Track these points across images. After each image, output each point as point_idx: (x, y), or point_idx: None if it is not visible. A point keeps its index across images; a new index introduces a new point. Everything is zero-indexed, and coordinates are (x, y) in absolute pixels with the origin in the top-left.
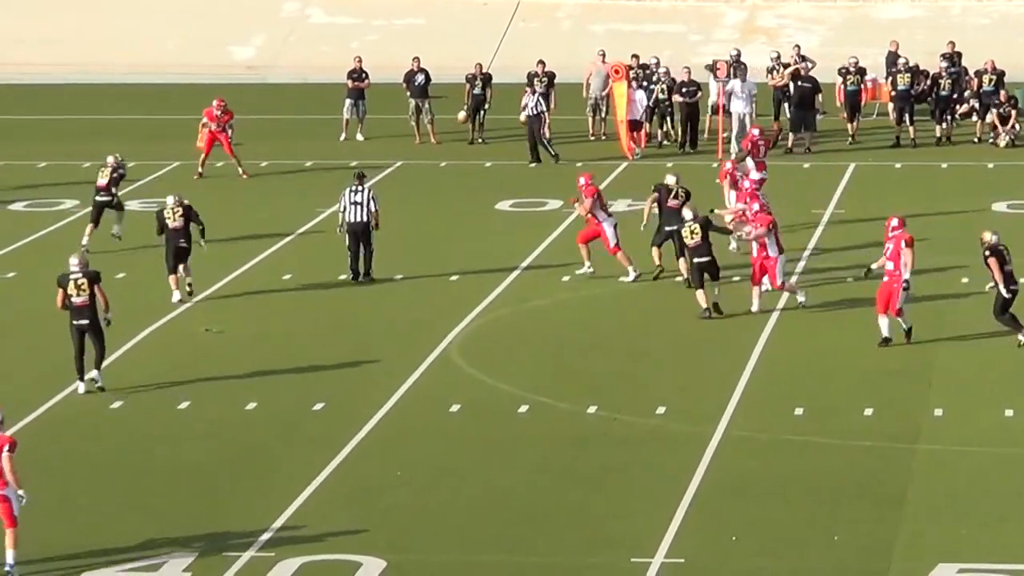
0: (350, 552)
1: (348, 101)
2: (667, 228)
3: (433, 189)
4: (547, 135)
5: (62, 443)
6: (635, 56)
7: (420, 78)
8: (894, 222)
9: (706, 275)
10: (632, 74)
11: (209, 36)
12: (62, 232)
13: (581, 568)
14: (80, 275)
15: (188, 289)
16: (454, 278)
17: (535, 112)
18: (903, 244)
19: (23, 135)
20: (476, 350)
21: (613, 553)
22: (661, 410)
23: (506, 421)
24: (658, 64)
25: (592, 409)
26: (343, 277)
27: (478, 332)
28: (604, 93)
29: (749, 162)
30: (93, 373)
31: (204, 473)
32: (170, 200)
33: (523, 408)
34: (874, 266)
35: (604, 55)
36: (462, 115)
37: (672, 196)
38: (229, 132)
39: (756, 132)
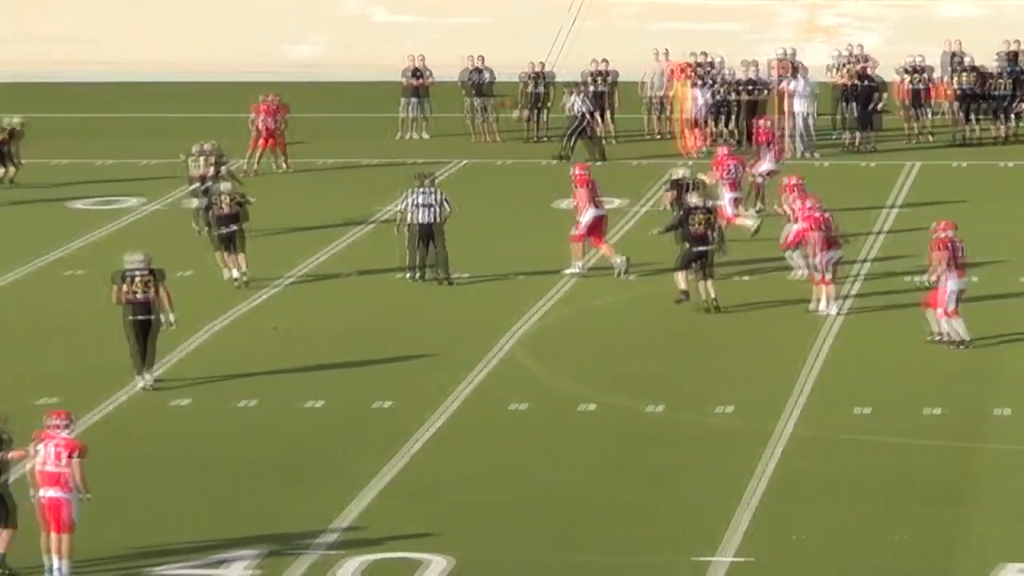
0: (414, 551)
1: (404, 99)
2: (695, 250)
3: (494, 188)
4: (595, 132)
5: (126, 442)
6: (700, 54)
7: (483, 76)
8: (934, 224)
9: (696, 264)
10: (691, 73)
11: (271, 34)
12: (124, 230)
13: (642, 567)
14: (145, 272)
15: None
16: (518, 277)
17: (579, 112)
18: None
19: (84, 133)
20: (539, 349)
21: (674, 552)
22: (722, 409)
23: (568, 420)
24: (722, 62)
25: (654, 407)
26: (406, 276)
27: (541, 331)
28: (663, 92)
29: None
30: (146, 374)
31: (268, 471)
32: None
33: (585, 407)
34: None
35: (663, 53)
36: (517, 113)
37: (687, 190)
38: (282, 126)
39: (724, 151)
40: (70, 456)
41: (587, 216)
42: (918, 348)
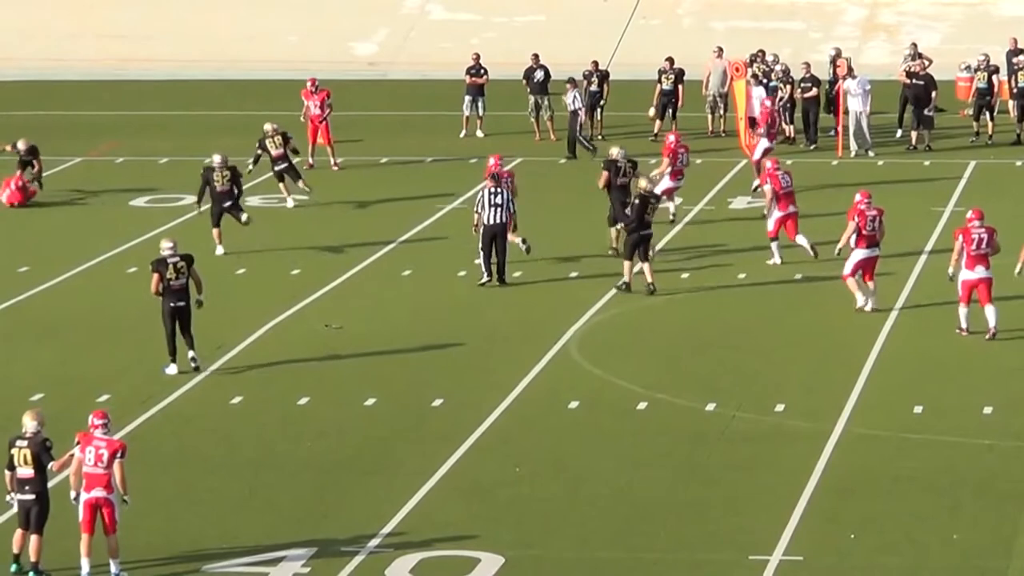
0: (468, 548)
1: (467, 97)
2: (640, 234)
3: (553, 185)
4: (579, 131)
5: (182, 438)
6: (761, 52)
7: (540, 75)
8: (968, 214)
9: (639, 249)
10: (751, 71)
11: (330, 32)
12: (184, 228)
13: (698, 565)
14: (178, 258)
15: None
16: (573, 274)
17: (573, 108)
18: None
19: (145, 131)
20: (595, 346)
21: (731, 550)
22: (780, 407)
23: (624, 417)
24: (776, 61)
25: (711, 406)
26: (462, 274)
27: (597, 328)
28: (724, 90)
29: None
30: (191, 353)
31: (323, 469)
32: (216, 160)
33: (642, 405)
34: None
35: (721, 51)
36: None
37: (620, 173)
38: (327, 112)
39: (672, 137)
40: (111, 457)
41: (663, 183)
42: (974, 345)
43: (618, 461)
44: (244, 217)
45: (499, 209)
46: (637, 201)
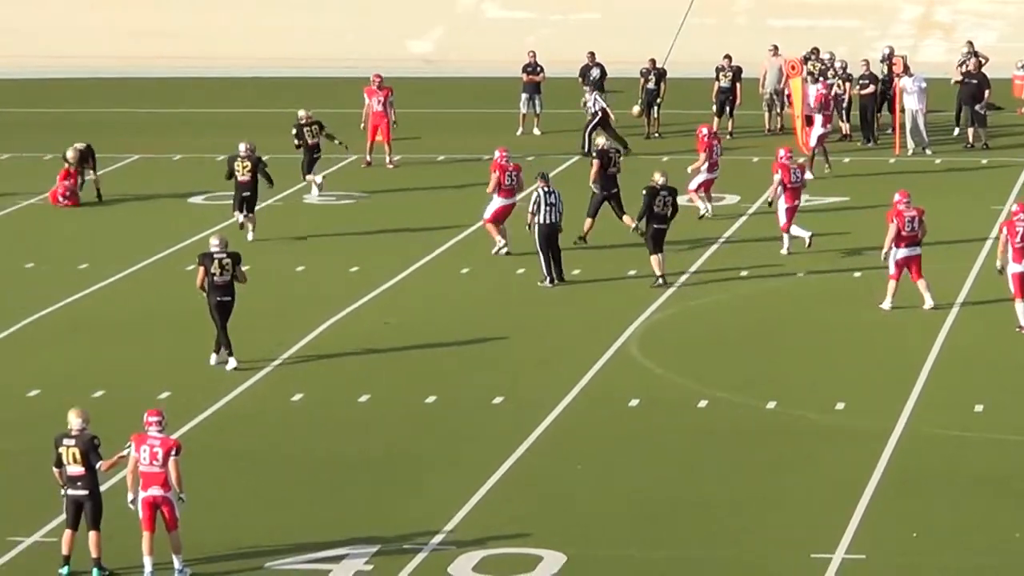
0: (531, 546)
1: (524, 95)
2: (655, 227)
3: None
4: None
5: (243, 436)
6: (816, 50)
7: (595, 72)
8: (1014, 207)
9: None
10: (807, 69)
11: (386, 29)
12: (238, 225)
13: (760, 564)
14: (224, 255)
15: (250, 227)
16: (631, 272)
17: (594, 110)
18: None
19: (204, 128)
20: (655, 345)
21: (792, 549)
22: (840, 405)
23: (685, 416)
24: (832, 58)
25: (771, 404)
26: (520, 271)
27: (657, 327)
28: (780, 88)
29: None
30: (232, 362)
31: (384, 466)
32: (242, 148)
33: (702, 403)
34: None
35: (776, 49)
36: (636, 110)
37: (611, 164)
38: (391, 114)
39: (705, 131)
40: (166, 455)
41: (699, 176)
42: None
43: (678, 459)
44: (248, 226)
45: (553, 208)
46: (644, 193)
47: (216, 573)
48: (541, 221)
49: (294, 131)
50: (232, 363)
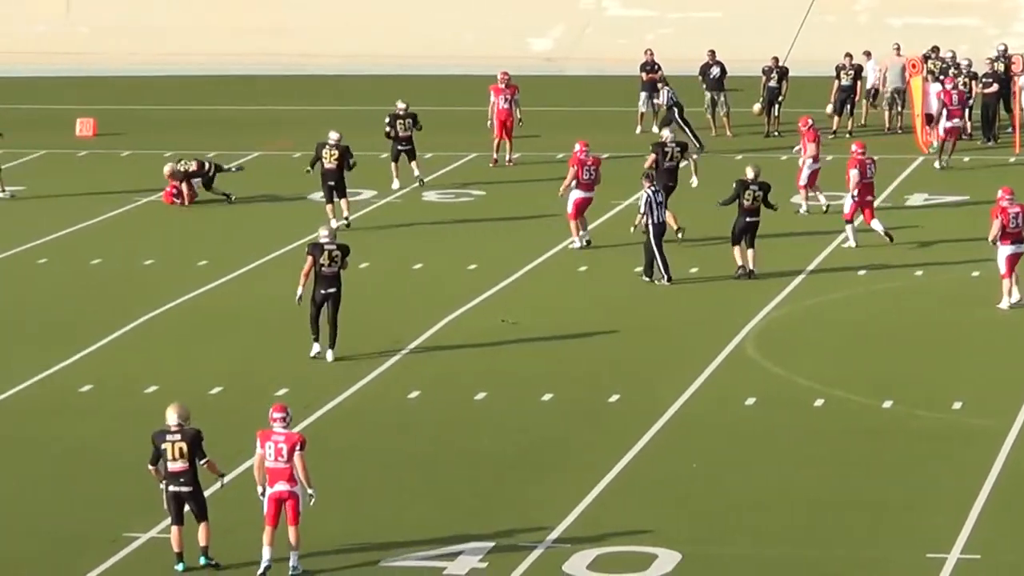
0: (645, 544)
1: (643, 94)
2: (745, 220)
3: (728, 182)
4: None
5: (361, 432)
6: (935, 48)
7: (715, 71)
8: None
9: (745, 236)
10: (927, 67)
11: (507, 28)
12: (360, 221)
13: (875, 563)
14: (334, 246)
15: (345, 208)
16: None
17: (668, 105)
18: None
19: (322, 125)
20: (771, 344)
21: (908, 548)
22: (957, 404)
23: (801, 415)
24: (953, 57)
25: (887, 403)
26: (638, 270)
27: (773, 326)
28: (901, 87)
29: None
30: (328, 351)
31: (500, 464)
32: (332, 136)
33: (818, 402)
34: None
35: (899, 48)
36: (757, 107)
37: (668, 157)
38: (517, 113)
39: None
40: (291, 450)
41: (806, 169)
42: None
43: (794, 458)
44: (345, 215)
45: (661, 207)
46: (735, 185)
47: (332, 569)
48: (654, 221)
49: (387, 120)
50: (331, 356)
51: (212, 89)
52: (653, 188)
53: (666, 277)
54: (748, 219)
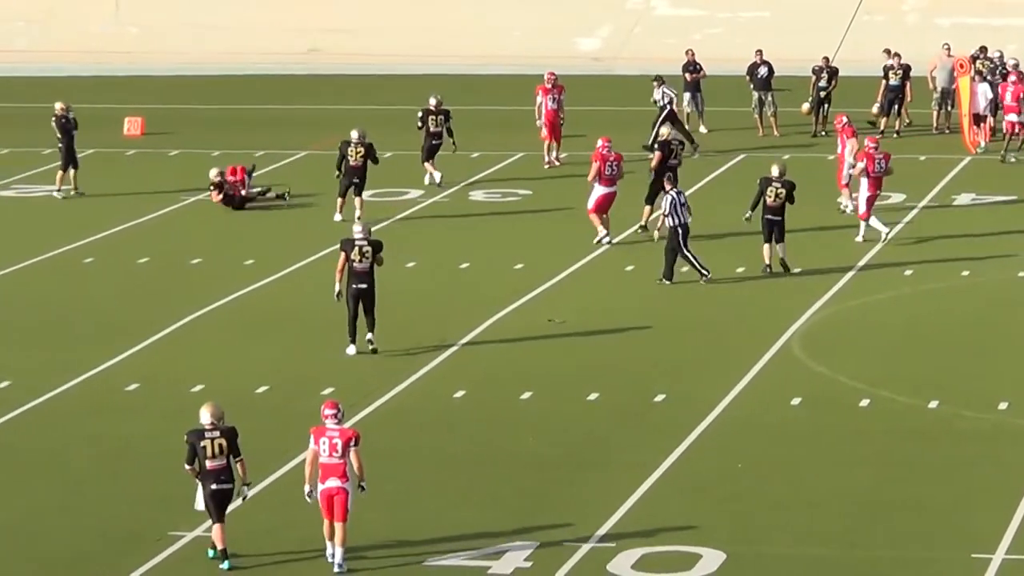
0: (690, 544)
1: (686, 94)
2: (767, 218)
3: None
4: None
5: (406, 431)
6: (983, 48)
7: (763, 70)
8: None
9: (774, 232)
10: (976, 67)
11: (555, 27)
12: (406, 220)
13: (920, 563)
14: (365, 242)
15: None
16: (796, 270)
17: (662, 103)
18: None
19: (370, 125)
20: (817, 344)
21: (952, 548)
22: (1003, 405)
23: (847, 415)
24: (1001, 57)
25: (933, 403)
26: (684, 270)
27: (819, 326)
28: (950, 87)
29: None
30: (369, 335)
31: (545, 463)
32: (354, 135)
33: (864, 402)
34: None
35: (949, 48)
36: (806, 107)
37: (673, 155)
38: (560, 113)
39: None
40: (345, 446)
41: (846, 168)
42: None
43: (839, 458)
44: (357, 214)
45: (685, 207)
46: (759, 182)
47: (376, 568)
48: (679, 223)
49: (420, 114)
50: (352, 350)
51: (260, 88)
52: (676, 189)
53: (704, 274)
54: (769, 217)
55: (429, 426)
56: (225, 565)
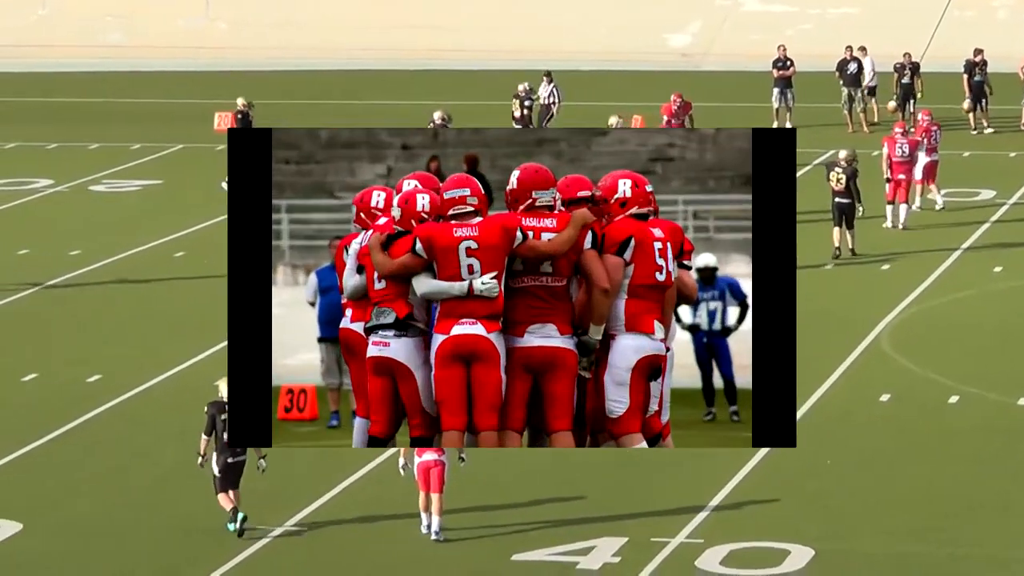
0: (778, 540)
1: (775, 90)
2: (835, 201)
3: (864, 177)
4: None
5: None
6: None
7: (853, 67)
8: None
9: (845, 217)
10: None
11: (644, 23)
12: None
13: (1006, 562)
14: None
15: None
16: (885, 267)
17: (546, 103)
18: None
19: (455, 119)
20: (907, 340)
21: None
22: None
23: (936, 411)
24: None
25: (1023, 401)
26: None
27: (909, 321)
28: None
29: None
30: None
31: (631, 459)
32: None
33: (953, 399)
34: None
35: None
36: (892, 104)
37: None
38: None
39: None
40: None
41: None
42: None
43: (928, 455)
44: None
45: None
46: (825, 167)
47: (463, 563)
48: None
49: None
50: None
51: (349, 84)
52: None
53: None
54: (837, 200)
55: None
56: (231, 527)
